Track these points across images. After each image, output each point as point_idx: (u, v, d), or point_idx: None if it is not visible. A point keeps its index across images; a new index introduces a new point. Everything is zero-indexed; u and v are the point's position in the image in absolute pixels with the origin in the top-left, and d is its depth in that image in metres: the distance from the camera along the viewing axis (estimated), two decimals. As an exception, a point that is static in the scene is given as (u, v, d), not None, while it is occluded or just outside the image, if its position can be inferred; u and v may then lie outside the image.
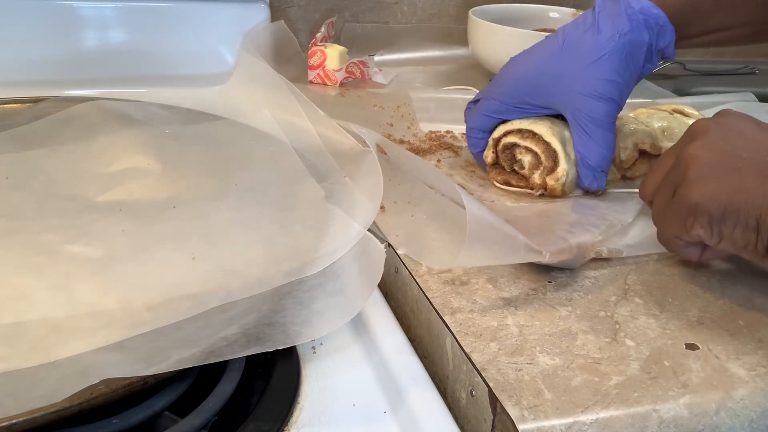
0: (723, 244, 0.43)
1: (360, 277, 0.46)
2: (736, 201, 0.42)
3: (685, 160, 0.45)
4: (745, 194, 0.41)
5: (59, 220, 0.51)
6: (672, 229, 0.46)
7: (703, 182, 0.43)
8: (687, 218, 0.44)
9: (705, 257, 0.48)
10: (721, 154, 0.43)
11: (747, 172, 0.42)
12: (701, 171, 0.43)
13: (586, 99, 0.56)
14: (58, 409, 0.33)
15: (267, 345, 0.39)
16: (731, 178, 0.42)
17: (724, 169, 0.43)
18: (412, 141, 0.71)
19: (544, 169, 0.59)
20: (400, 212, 0.57)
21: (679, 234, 0.45)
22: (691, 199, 0.43)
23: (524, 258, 0.47)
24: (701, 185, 0.43)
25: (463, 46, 1.00)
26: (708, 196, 0.42)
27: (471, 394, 0.42)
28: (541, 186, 0.60)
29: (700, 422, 0.40)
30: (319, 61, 0.86)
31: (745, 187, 0.42)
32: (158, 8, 0.84)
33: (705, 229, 0.43)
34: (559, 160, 0.59)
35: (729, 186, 0.42)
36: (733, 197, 0.42)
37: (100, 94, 0.72)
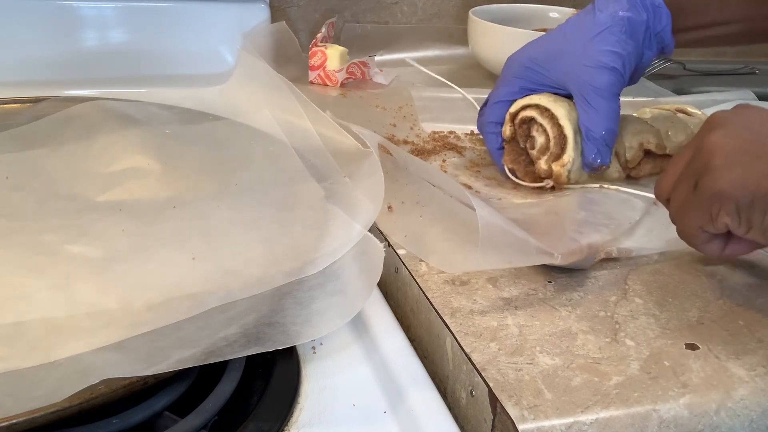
0: (752, 232, 0.42)
1: (360, 277, 0.46)
2: (765, 186, 0.40)
3: (706, 149, 0.43)
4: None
5: (59, 220, 0.51)
6: (696, 220, 0.44)
7: (729, 169, 0.41)
8: (712, 206, 0.42)
9: (727, 253, 0.45)
10: (746, 141, 0.42)
11: None
12: (726, 158, 0.42)
13: (589, 70, 0.57)
14: (58, 409, 0.33)
15: (267, 345, 0.39)
16: (758, 164, 0.41)
17: (749, 156, 0.41)
18: (415, 141, 0.71)
19: (551, 156, 0.60)
20: (409, 212, 0.57)
21: (704, 224, 0.44)
22: (716, 186, 0.42)
23: (536, 260, 0.47)
24: (727, 172, 0.41)
25: (463, 46, 1.00)
26: (735, 183, 0.41)
27: (471, 394, 0.42)
28: (547, 173, 0.60)
29: (700, 422, 0.40)
30: (319, 61, 0.86)
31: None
32: (158, 8, 0.84)
33: (732, 217, 0.42)
34: (566, 148, 0.59)
35: (757, 172, 0.41)
36: (761, 183, 0.40)
37: (100, 94, 0.72)
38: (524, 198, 0.60)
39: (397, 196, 0.59)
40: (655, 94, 0.91)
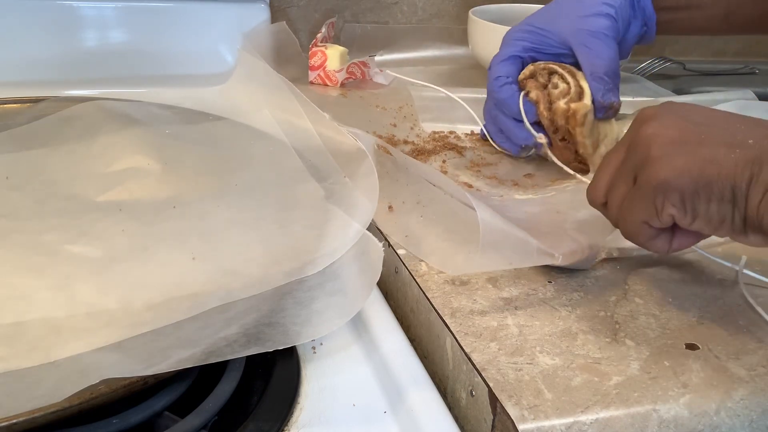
0: (697, 223, 0.40)
1: (359, 277, 0.46)
2: (708, 173, 0.39)
3: (642, 142, 0.42)
4: (717, 166, 0.39)
5: (59, 220, 0.51)
6: (639, 215, 0.42)
7: (670, 158, 0.40)
8: (656, 199, 0.40)
9: (674, 247, 0.44)
10: (682, 130, 0.41)
11: (714, 143, 0.39)
12: (665, 148, 0.40)
13: (585, 18, 0.62)
14: (58, 409, 0.33)
15: (267, 345, 0.39)
16: (699, 150, 0.39)
17: (689, 144, 0.40)
18: (416, 141, 0.71)
19: (570, 100, 0.61)
20: (409, 212, 0.57)
21: (649, 219, 0.41)
22: (659, 177, 0.40)
23: (537, 261, 0.48)
24: (668, 162, 0.40)
25: (463, 46, 1.00)
26: (678, 172, 0.39)
27: (471, 394, 0.42)
28: (566, 111, 0.61)
29: (700, 422, 0.40)
30: (319, 61, 0.86)
31: (716, 158, 0.39)
32: (158, 8, 0.84)
33: (678, 208, 0.40)
34: (585, 96, 0.61)
35: (698, 159, 0.39)
36: (704, 170, 0.39)
37: (100, 94, 0.72)
38: (525, 194, 0.60)
39: (398, 196, 0.59)
40: (655, 94, 0.91)
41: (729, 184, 0.38)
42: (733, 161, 0.38)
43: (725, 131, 0.40)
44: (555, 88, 0.63)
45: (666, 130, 0.41)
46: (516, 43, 0.65)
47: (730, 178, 0.38)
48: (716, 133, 0.40)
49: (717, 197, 0.39)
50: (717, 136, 0.40)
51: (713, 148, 0.39)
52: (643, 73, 1.06)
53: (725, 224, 0.40)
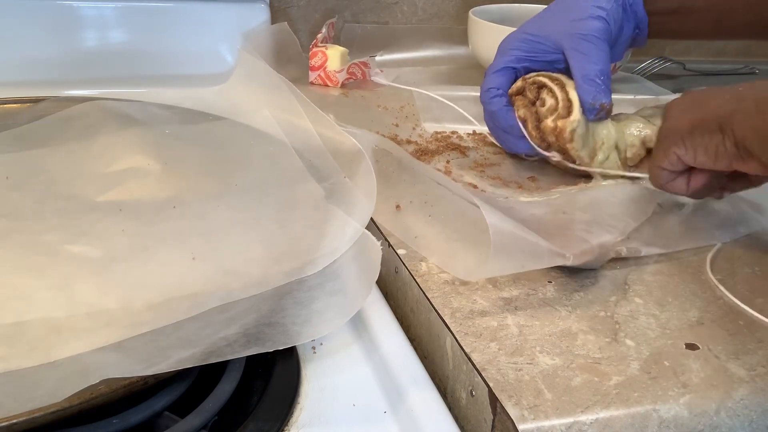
0: (699, 156, 0.50)
1: (359, 277, 0.46)
2: (699, 117, 0.49)
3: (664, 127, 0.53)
4: (706, 108, 0.49)
5: (59, 220, 0.51)
6: (655, 161, 0.53)
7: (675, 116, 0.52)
8: (664, 144, 0.52)
9: (692, 187, 0.53)
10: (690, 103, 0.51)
11: (711, 98, 0.50)
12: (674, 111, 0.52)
13: (578, 22, 0.63)
14: (58, 409, 0.33)
15: (267, 345, 0.39)
16: (697, 110, 0.50)
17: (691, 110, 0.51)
18: (418, 141, 0.71)
19: (558, 116, 0.61)
20: (417, 212, 0.57)
21: (660, 162, 0.52)
22: (665, 129, 0.52)
23: (549, 263, 0.48)
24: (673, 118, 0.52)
25: (463, 46, 1.00)
26: (676, 123, 0.51)
27: (471, 394, 0.42)
28: (554, 130, 0.61)
29: (700, 422, 0.40)
30: (320, 62, 0.86)
31: (707, 104, 0.49)
32: (158, 8, 0.84)
33: (679, 146, 0.50)
34: (573, 110, 0.60)
35: (694, 109, 0.50)
36: (696, 114, 0.50)
37: (100, 94, 0.72)
38: (531, 195, 0.60)
39: (405, 196, 0.59)
40: (655, 94, 0.91)
41: (716, 118, 0.48)
42: (718, 104, 0.48)
43: (727, 91, 0.49)
44: (543, 105, 0.63)
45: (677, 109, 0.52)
46: (510, 53, 0.66)
47: (716, 113, 0.48)
48: (719, 93, 0.50)
49: (708, 130, 0.48)
50: (718, 94, 0.50)
51: (708, 100, 0.50)
52: (643, 73, 1.06)
53: (720, 152, 0.49)
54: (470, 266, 0.50)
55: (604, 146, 0.62)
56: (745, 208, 0.60)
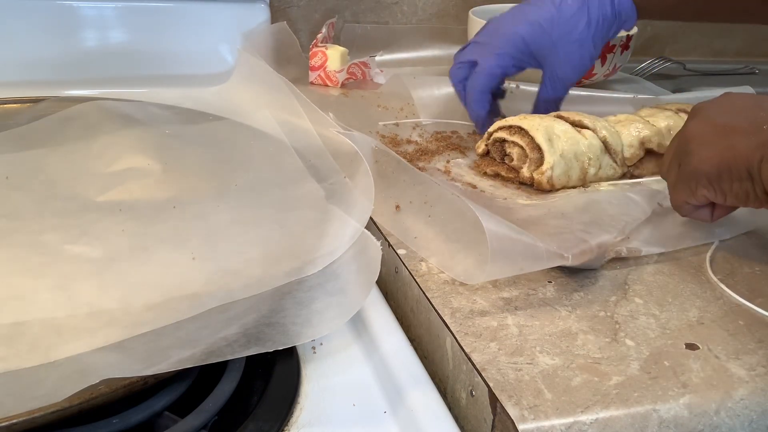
0: (729, 199, 0.48)
1: (359, 277, 0.46)
2: (726, 159, 0.47)
3: (684, 137, 0.50)
4: (733, 152, 0.47)
5: (59, 220, 0.51)
6: (682, 195, 0.51)
7: (699, 151, 0.49)
8: (690, 183, 0.50)
9: (716, 217, 0.52)
10: (713, 126, 0.49)
11: (734, 134, 0.47)
12: (698, 143, 0.49)
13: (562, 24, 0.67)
14: (58, 409, 0.33)
15: (267, 345, 0.39)
16: (721, 142, 0.48)
17: (714, 137, 0.48)
18: (419, 141, 0.71)
19: (531, 162, 0.61)
20: (417, 212, 0.57)
21: (687, 199, 0.51)
22: (691, 166, 0.49)
23: (548, 264, 0.48)
24: (698, 154, 0.49)
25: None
26: (703, 161, 0.48)
27: (471, 394, 0.42)
28: (530, 180, 0.62)
29: (700, 422, 0.40)
30: (320, 62, 0.86)
31: (732, 146, 0.47)
32: (158, 8, 0.84)
33: (708, 189, 0.49)
34: (544, 153, 0.60)
35: (719, 148, 0.47)
36: (723, 157, 0.47)
37: (100, 94, 0.72)
38: (529, 198, 0.60)
39: (405, 196, 0.58)
40: (654, 94, 0.91)
41: (744, 166, 0.46)
42: (746, 146, 0.46)
43: (747, 120, 0.47)
44: (511, 160, 0.63)
45: (702, 127, 0.50)
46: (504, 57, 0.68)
47: (744, 160, 0.46)
48: (739, 123, 0.48)
49: (737, 177, 0.47)
50: (739, 126, 0.47)
51: (732, 138, 0.47)
52: (643, 74, 1.06)
53: (750, 198, 0.47)
54: (469, 268, 0.50)
55: (592, 159, 0.62)
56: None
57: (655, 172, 0.66)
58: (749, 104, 0.49)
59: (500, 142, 0.64)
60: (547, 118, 0.62)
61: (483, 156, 0.66)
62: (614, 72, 0.89)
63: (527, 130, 0.61)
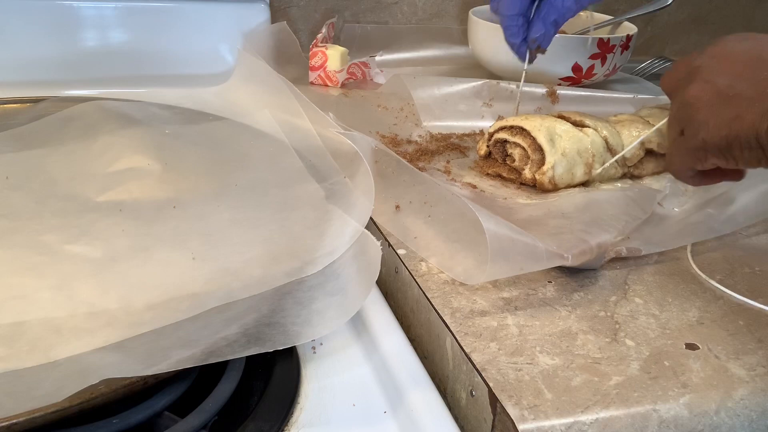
0: (740, 164, 0.48)
1: (359, 276, 0.46)
2: (735, 129, 0.46)
3: (686, 103, 0.50)
4: (740, 121, 0.46)
5: (59, 220, 0.51)
6: (687, 162, 0.50)
7: (706, 120, 0.48)
8: (698, 153, 0.49)
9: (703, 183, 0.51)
10: (716, 92, 0.48)
11: (739, 100, 0.47)
12: (702, 110, 0.48)
13: None
14: (58, 409, 0.33)
15: (267, 345, 0.39)
16: (726, 110, 0.47)
17: (719, 106, 0.48)
18: (419, 141, 0.71)
19: (533, 163, 0.61)
20: (417, 212, 0.57)
21: (694, 165, 0.50)
22: (699, 137, 0.48)
23: (548, 264, 0.48)
24: (704, 123, 0.48)
25: (463, 46, 1.00)
26: (711, 132, 0.48)
27: (471, 394, 0.42)
28: (533, 181, 0.62)
29: (700, 422, 0.40)
30: (320, 62, 0.86)
31: (739, 115, 0.46)
32: (158, 8, 0.84)
33: (718, 158, 0.48)
34: (545, 153, 0.60)
35: (725, 117, 0.47)
36: (732, 127, 0.46)
37: (100, 94, 0.72)
38: (529, 198, 0.60)
39: (405, 196, 0.58)
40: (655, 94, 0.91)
41: (753, 135, 0.45)
42: (753, 114, 0.45)
43: (750, 83, 0.47)
44: (513, 161, 0.63)
45: (704, 92, 0.49)
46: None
47: (752, 129, 0.45)
48: (742, 88, 0.47)
49: (746, 146, 0.46)
50: (743, 92, 0.47)
51: (738, 106, 0.46)
52: (643, 74, 1.06)
53: (762, 162, 0.47)
54: (469, 268, 0.50)
55: (597, 156, 0.62)
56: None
57: (656, 172, 0.66)
58: (749, 57, 0.48)
59: (501, 143, 0.64)
60: (549, 119, 0.62)
61: (485, 158, 0.66)
62: (614, 72, 0.89)
63: (529, 131, 0.61)
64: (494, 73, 0.90)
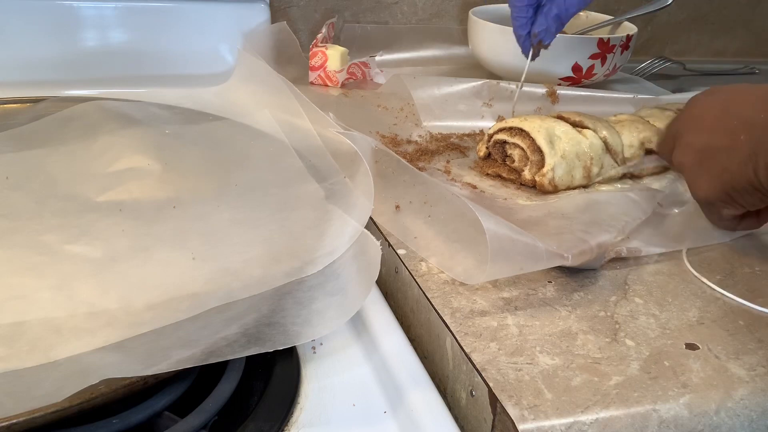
0: (749, 207, 0.51)
1: (359, 276, 0.46)
2: (727, 182, 0.49)
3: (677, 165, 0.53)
4: (728, 174, 0.49)
5: (59, 220, 0.51)
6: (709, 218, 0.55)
7: (697, 183, 0.51)
8: (710, 208, 0.53)
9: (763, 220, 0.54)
10: (697, 153, 0.51)
11: (719, 153, 0.49)
12: (691, 174, 0.52)
13: None
14: (58, 409, 0.33)
15: (267, 345, 0.39)
16: (712, 166, 0.50)
17: (704, 163, 0.50)
18: (419, 141, 0.71)
19: (533, 164, 0.61)
20: (417, 212, 0.57)
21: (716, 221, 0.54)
22: (699, 196, 0.52)
23: (548, 264, 0.48)
24: (697, 186, 0.52)
25: (463, 46, 1.00)
26: (707, 192, 0.51)
27: (471, 394, 0.42)
28: (533, 182, 0.61)
29: (700, 422, 0.40)
30: (320, 62, 0.86)
31: (726, 169, 0.49)
32: (158, 8, 0.84)
33: (728, 209, 0.51)
34: (545, 155, 0.60)
35: (714, 173, 0.50)
36: (723, 182, 0.49)
37: (100, 94, 0.72)
38: (529, 199, 0.60)
39: (405, 196, 0.58)
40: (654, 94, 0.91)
41: (745, 183, 0.48)
42: (737, 164, 0.48)
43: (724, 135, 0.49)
44: (513, 161, 0.63)
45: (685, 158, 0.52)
46: None
47: (742, 178, 0.48)
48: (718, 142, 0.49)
49: (745, 192, 0.49)
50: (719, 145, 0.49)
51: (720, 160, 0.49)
52: (643, 74, 1.06)
53: (765, 201, 0.50)
54: (469, 268, 0.50)
55: (595, 159, 0.62)
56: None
57: (656, 172, 0.66)
58: (718, 111, 0.50)
59: (501, 144, 0.64)
60: (548, 120, 0.62)
61: (484, 159, 0.66)
62: (614, 72, 0.90)
63: (528, 132, 0.61)
64: (494, 73, 0.90)
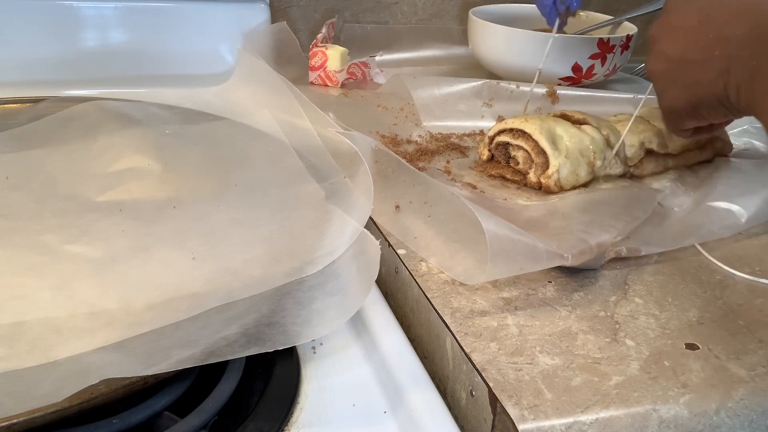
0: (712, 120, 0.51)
1: (359, 276, 0.46)
2: (696, 93, 0.49)
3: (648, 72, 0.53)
4: (698, 86, 0.49)
5: (59, 220, 0.51)
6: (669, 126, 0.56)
7: (666, 92, 0.52)
8: (672, 116, 0.53)
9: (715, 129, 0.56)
10: (670, 62, 0.51)
11: (692, 66, 0.49)
12: (660, 83, 0.52)
13: None
14: (58, 409, 0.33)
15: (267, 345, 0.39)
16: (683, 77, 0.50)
17: (675, 74, 0.50)
18: (419, 141, 0.71)
19: (537, 167, 0.61)
20: (417, 212, 0.57)
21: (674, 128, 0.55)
22: (664, 105, 0.53)
23: (548, 264, 0.48)
24: (665, 96, 0.52)
25: (463, 46, 1.00)
26: (674, 102, 0.51)
27: (471, 394, 0.42)
28: (538, 185, 0.61)
29: (700, 422, 0.40)
30: (320, 62, 0.86)
31: (696, 80, 0.49)
32: (158, 8, 0.84)
33: (692, 120, 0.52)
34: (549, 157, 0.60)
35: (684, 84, 0.50)
36: (692, 93, 0.49)
37: (100, 94, 0.72)
38: (529, 199, 0.60)
39: (405, 196, 0.58)
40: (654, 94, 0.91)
41: (714, 98, 0.48)
42: (708, 79, 0.48)
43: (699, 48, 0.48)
44: (517, 163, 0.63)
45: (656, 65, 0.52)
46: None
47: (712, 93, 0.48)
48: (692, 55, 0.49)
49: (712, 107, 0.49)
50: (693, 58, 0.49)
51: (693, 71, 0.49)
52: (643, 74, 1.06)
53: (728, 116, 0.50)
54: (469, 268, 0.50)
55: (597, 153, 0.62)
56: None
57: (656, 172, 0.66)
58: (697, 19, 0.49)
59: (504, 145, 0.64)
60: (548, 119, 0.62)
61: (487, 161, 0.65)
62: (614, 72, 0.90)
63: (530, 134, 0.61)
64: (494, 73, 0.90)
